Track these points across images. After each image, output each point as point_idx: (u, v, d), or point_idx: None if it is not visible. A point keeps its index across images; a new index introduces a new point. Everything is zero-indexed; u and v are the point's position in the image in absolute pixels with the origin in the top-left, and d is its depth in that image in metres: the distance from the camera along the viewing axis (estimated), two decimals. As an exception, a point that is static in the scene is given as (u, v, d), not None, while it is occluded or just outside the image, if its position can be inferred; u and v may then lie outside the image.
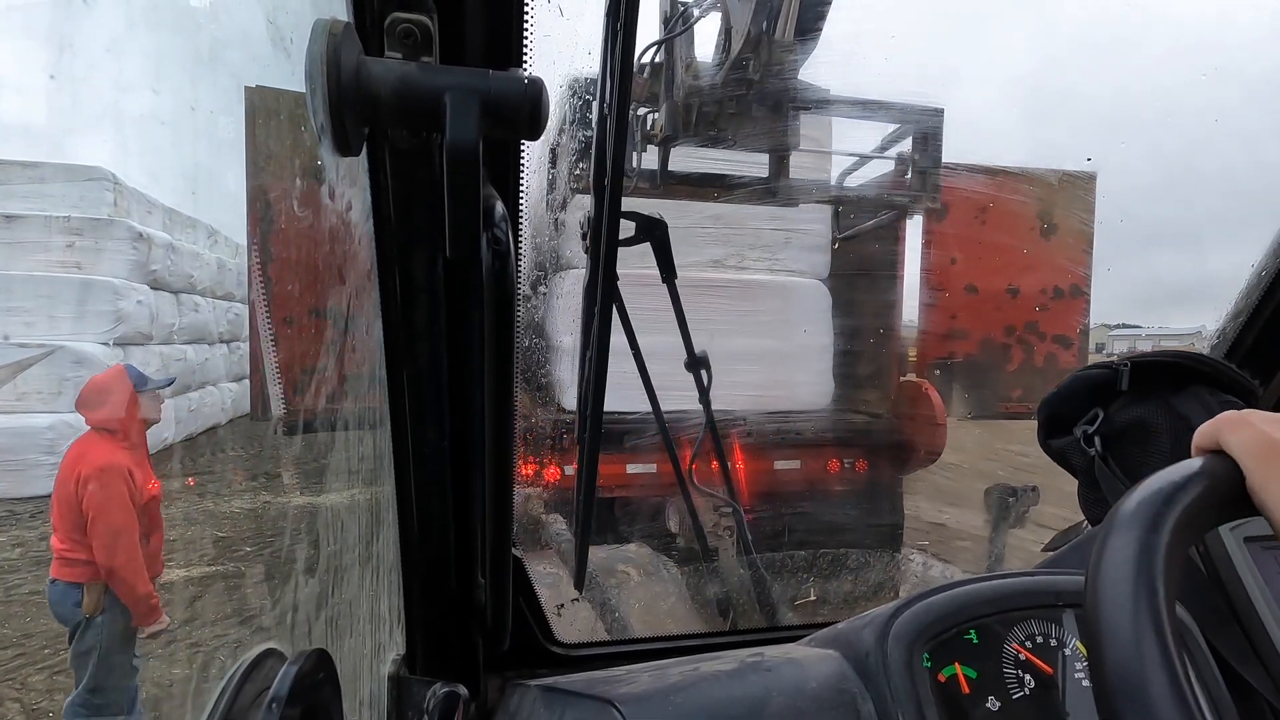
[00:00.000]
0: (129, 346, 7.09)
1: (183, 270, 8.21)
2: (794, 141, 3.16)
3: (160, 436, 7.63)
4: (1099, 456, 0.89)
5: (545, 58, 0.63)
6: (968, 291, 4.04)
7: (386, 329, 0.62)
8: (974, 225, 3.96)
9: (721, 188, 3.45)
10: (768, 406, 3.80)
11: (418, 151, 0.53)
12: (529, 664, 0.98)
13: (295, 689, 0.56)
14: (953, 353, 4.12)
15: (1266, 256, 1.04)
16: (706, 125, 3.02)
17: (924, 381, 4.06)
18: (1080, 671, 0.69)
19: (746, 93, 2.90)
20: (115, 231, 6.98)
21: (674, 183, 3.34)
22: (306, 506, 4.80)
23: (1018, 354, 4.08)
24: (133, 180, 7.56)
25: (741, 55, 2.71)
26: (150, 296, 7.41)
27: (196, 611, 4.03)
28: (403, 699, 0.80)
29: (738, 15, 2.67)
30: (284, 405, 2.76)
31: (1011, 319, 4.07)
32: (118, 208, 7.26)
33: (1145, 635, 0.36)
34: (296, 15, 0.65)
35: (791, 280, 4.15)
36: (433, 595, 0.77)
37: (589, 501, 1.08)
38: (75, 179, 7.07)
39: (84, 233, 6.82)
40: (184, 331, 8.33)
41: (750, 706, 0.68)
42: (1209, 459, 0.45)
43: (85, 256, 6.79)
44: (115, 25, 5.84)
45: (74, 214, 6.85)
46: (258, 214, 3.01)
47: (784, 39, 2.68)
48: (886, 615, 0.72)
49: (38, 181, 7.01)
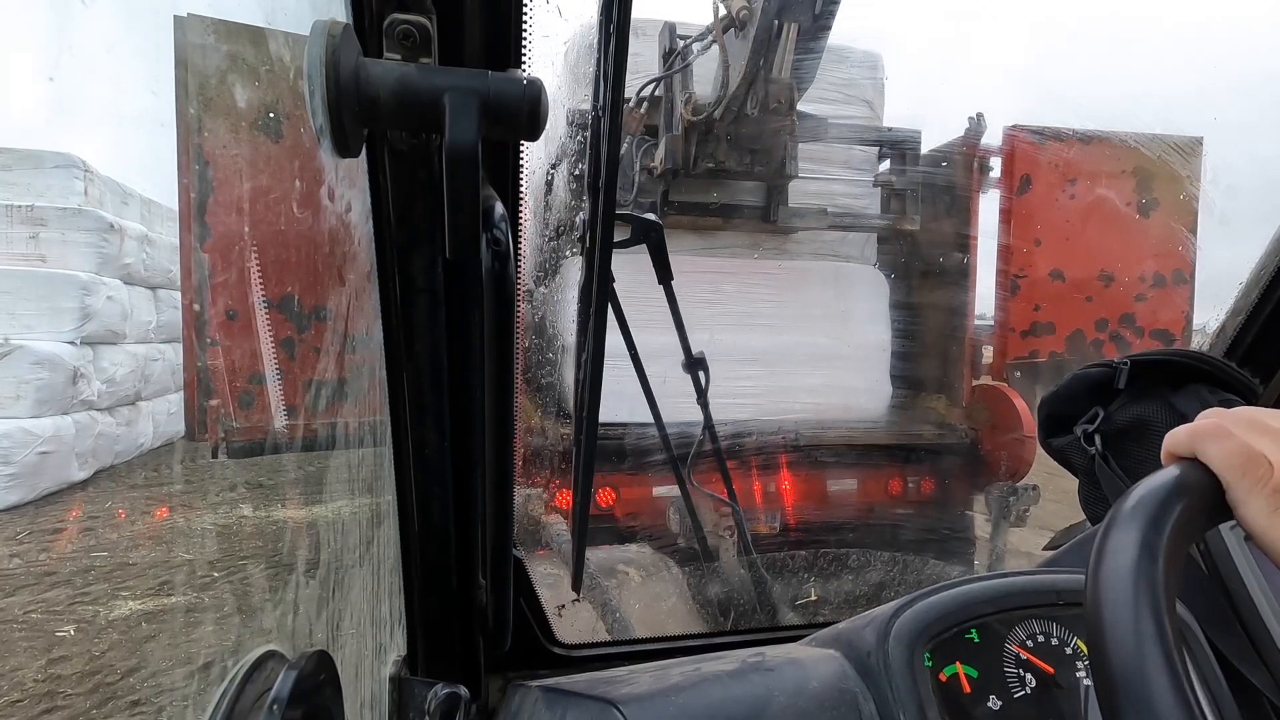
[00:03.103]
0: (99, 345, 6.66)
1: (160, 265, 7.63)
2: (792, 169, 3.16)
3: (137, 443, 7.34)
4: (1099, 455, 0.89)
5: (544, 59, 0.63)
6: (1053, 278, 3.40)
7: (386, 331, 0.62)
8: (1061, 200, 3.36)
9: (722, 218, 3.41)
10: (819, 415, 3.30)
11: (417, 153, 0.53)
12: (530, 665, 0.98)
13: (296, 691, 0.56)
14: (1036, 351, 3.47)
15: (1267, 253, 1.04)
16: (706, 158, 3.05)
17: (1003, 385, 3.46)
18: (1081, 670, 0.70)
19: (743, 126, 2.92)
20: (84, 222, 6.50)
21: (674, 213, 3.32)
22: (306, 509, 4.77)
23: (1111, 352, 3.39)
24: (112, 172, 7.07)
25: (738, 92, 2.74)
26: (123, 292, 6.95)
27: (196, 612, 4.03)
28: (404, 700, 0.80)
29: (734, 53, 2.70)
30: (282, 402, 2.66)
31: (1104, 311, 3.44)
32: (88, 197, 6.75)
33: (1146, 634, 0.36)
34: (295, 16, 0.65)
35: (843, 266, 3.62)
36: (433, 596, 0.77)
37: (585, 504, 1.08)
38: (42, 166, 6.55)
39: (49, 223, 6.36)
40: (162, 330, 7.77)
41: (752, 706, 0.68)
42: (1187, 468, 0.44)
43: (51, 249, 6.34)
44: (112, 25, 5.82)
45: (39, 203, 6.41)
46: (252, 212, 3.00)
47: (780, 76, 2.71)
48: (887, 615, 0.72)
49: (0, 169, 6.49)
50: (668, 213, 3.26)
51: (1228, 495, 0.42)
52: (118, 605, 3.99)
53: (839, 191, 3.64)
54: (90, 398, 6.45)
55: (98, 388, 6.53)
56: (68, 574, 4.23)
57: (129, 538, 5.25)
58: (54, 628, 3.73)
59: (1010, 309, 3.44)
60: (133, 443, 7.33)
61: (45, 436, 5.71)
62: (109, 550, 4.88)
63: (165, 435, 7.99)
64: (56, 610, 3.90)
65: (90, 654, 3.52)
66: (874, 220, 3.62)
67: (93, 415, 6.54)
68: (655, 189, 3.26)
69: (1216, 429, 0.44)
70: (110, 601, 4.01)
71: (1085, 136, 3.40)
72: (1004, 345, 3.48)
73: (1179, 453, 0.45)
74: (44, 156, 6.56)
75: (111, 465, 6.86)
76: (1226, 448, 0.42)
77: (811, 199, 3.48)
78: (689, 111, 2.95)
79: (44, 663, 3.43)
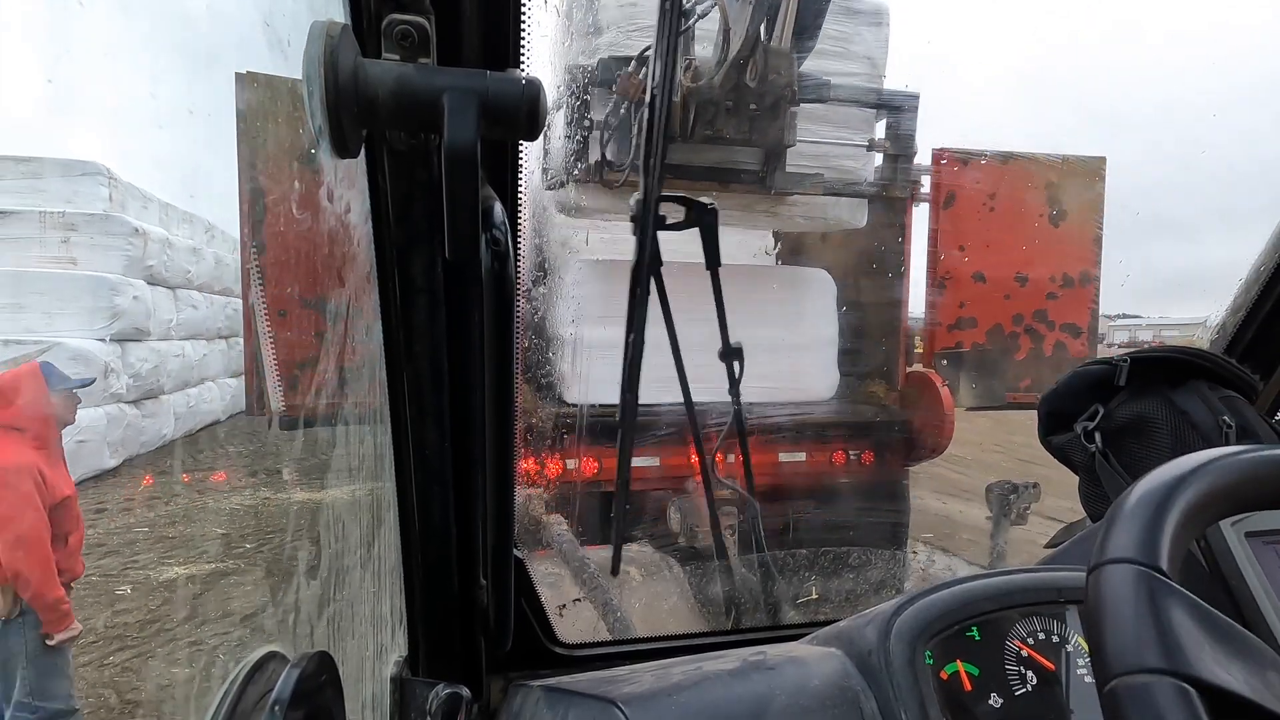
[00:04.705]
0: (126, 343, 7.05)
1: (179, 265, 8.17)
2: (790, 137, 3.16)
3: (160, 433, 7.77)
4: (1100, 452, 0.89)
5: (543, 58, 0.63)
6: (975, 280, 3.97)
7: (386, 331, 0.62)
8: (981, 212, 3.92)
9: (719, 182, 3.43)
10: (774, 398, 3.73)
11: (416, 153, 0.53)
12: (531, 665, 0.98)
13: (298, 691, 0.56)
14: (960, 342, 4.03)
15: (1266, 251, 1.04)
16: (704, 125, 3.03)
17: (931, 371, 4.01)
18: (1083, 668, 0.69)
19: (743, 95, 2.90)
20: (111, 227, 6.94)
21: (672, 177, 3.33)
22: (307, 509, 4.90)
23: (1025, 343, 4.04)
24: (129, 176, 7.56)
25: (737, 59, 2.71)
26: (147, 292, 7.37)
27: (197, 613, 4.08)
28: (405, 700, 0.80)
29: (735, 16, 2.67)
30: (282, 402, 2.93)
31: (1020, 308, 4.01)
32: (113, 202, 7.20)
33: (1146, 631, 0.36)
34: (293, 17, 0.65)
35: (798, 270, 4.16)
36: (434, 596, 0.77)
37: (625, 487, 1.07)
38: (70, 174, 7.00)
39: (79, 228, 6.76)
40: (181, 327, 8.30)
41: (753, 705, 0.68)
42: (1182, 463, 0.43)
43: (81, 252, 6.75)
44: (113, 28, 5.87)
45: (69, 209, 6.79)
46: (253, 213, 3.05)
47: (781, 45, 2.69)
48: (888, 613, 0.72)
49: (32, 176, 6.94)
50: (665, 176, 3.30)
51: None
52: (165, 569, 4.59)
53: (835, 153, 3.66)
54: (119, 391, 6.85)
55: (125, 382, 6.95)
56: (116, 545, 4.80)
57: (164, 515, 5.76)
58: (113, 587, 4.26)
59: (938, 306, 3.99)
60: (156, 433, 7.75)
61: (82, 427, 5.99)
62: (149, 526, 5.43)
63: (185, 428, 8.39)
64: (112, 574, 4.44)
65: (147, 607, 4.08)
66: (866, 187, 3.72)
67: (121, 408, 6.96)
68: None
69: None
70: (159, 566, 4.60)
71: (1003, 156, 3.93)
72: (933, 337, 4.03)
73: None
74: (72, 164, 6.99)
75: (137, 454, 7.27)
76: None
77: (808, 162, 3.52)
78: (688, 78, 2.93)
79: (110, 614, 3.96)
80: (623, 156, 3.17)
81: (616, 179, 3.20)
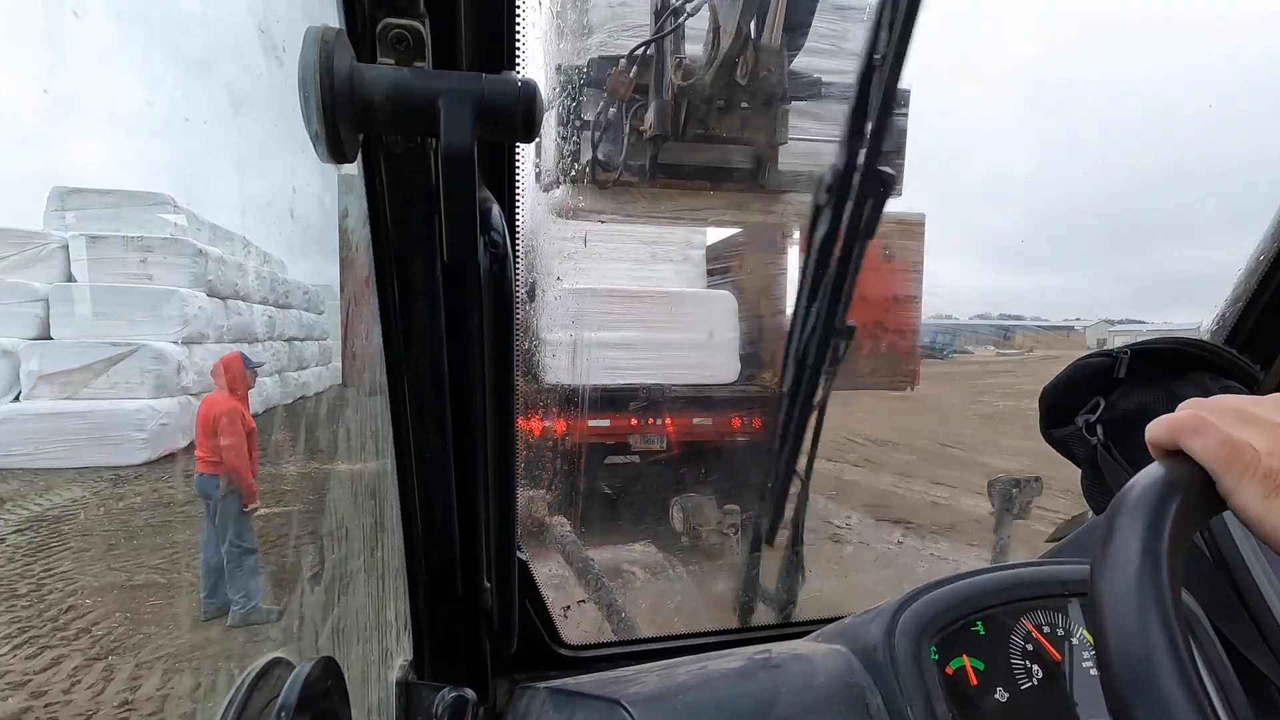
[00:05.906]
0: (192, 345, 8.39)
1: (229, 279, 9.51)
2: (782, 135, 3.16)
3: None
4: (1101, 445, 0.89)
5: (535, 60, 0.63)
6: None
7: (386, 335, 0.62)
8: None
9: (711, 182, 3.45)
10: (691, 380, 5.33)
11: (413, 156, 0.53)
12: (537, 666, 0.98)
13: (303, 697, 0.56)
14: None
15: (1265, 241, 1.04)
16: (696, 124, 3.03)
17: None
18: (1088, 661, 0.69)
19: (734, 93, 2.91)
20: (179, 248, 8.46)
21: (664, 176, 3.35)
22: (310, 515, 4.98)
23: (868, 342, 5.51)
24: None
25: (728, 57, 2.71)
26: (206, 303, 8.75)
27: (200, 619, 4.09)
28: (411, 704, 0.80)
29: (725, 14, 2.67)
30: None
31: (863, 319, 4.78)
32: (178, 227, 8.63)
33: (1151, 623, 0.36)
34: (288, 23, 0.65)
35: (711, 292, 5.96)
36: (439, 600, 0.77)
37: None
38: (143, 203, 8.53)
39: (154, 250, 8.28)
40: (231, 332, 9.52)
41: (759, 703, 0.68)
42: (1173, 463, 0.43)
43: (155, 270, 8.24)
44: (108, 37, 5.90)
45: (144, 234, 8.26)
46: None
47: (771, 43, 2.69)
48: (893, 608, 0.71)
49: (113, 206, 8.53)
50: (657, 176, 3.38)
51: (1218, 487, 0.41)
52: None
53: (827, 151, 3.69)
54: (188, 385, 8.25)
55: (192, 378, 8.35)
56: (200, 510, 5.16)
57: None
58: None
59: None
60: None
61: (164, 412, 7.68)
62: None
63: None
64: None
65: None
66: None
67: (189, 399, 8.19)
68: (645, 151, 3.27)
69: (1196, 421, 0.42)
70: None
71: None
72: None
73: (1162, 446, 0.44)
74: (143, 195, 8.60)
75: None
76: (1209, 440, 0.41)
77: (800, 160, 3.57)
78: (679, 76, 2.93)
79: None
80: (614, 156, 3.17)
81: (609, 179, 3.20)
